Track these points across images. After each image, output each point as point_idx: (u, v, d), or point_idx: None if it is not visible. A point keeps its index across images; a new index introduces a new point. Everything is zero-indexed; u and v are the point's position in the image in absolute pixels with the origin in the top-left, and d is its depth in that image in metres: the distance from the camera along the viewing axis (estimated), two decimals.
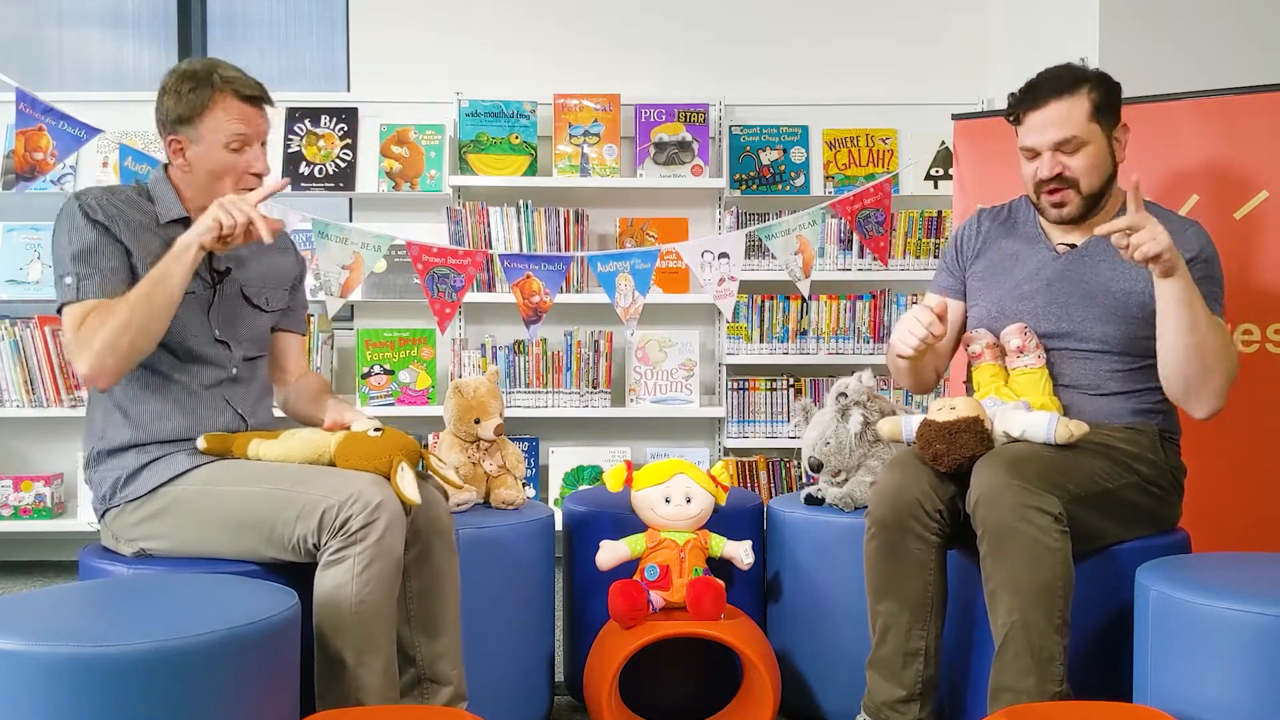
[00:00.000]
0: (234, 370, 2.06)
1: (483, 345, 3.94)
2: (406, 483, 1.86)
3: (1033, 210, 2.28)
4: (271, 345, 2.22)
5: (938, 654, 2.02)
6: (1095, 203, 2.15)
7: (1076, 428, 1.95)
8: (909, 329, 2.07)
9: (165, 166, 2.07)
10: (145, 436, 1.96)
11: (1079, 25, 3.39)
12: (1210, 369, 1.98)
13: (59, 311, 1.93)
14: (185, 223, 1.99)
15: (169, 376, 1.98)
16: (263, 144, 2.05)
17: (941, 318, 2.07)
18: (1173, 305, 1.94)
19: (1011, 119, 2.18)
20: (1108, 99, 2.13)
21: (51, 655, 1.38)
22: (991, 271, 2.27)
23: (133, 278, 1.93)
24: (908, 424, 2.07)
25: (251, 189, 2.01)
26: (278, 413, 2.25)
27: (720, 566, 2.28)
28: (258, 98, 2.03)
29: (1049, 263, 2.20)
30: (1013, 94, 2.17)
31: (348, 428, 2.00)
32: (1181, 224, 2.14)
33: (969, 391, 2.28)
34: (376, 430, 1.95)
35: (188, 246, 1.88)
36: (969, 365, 2.27)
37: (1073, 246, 2.20)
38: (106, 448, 1.97)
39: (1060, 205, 2.15)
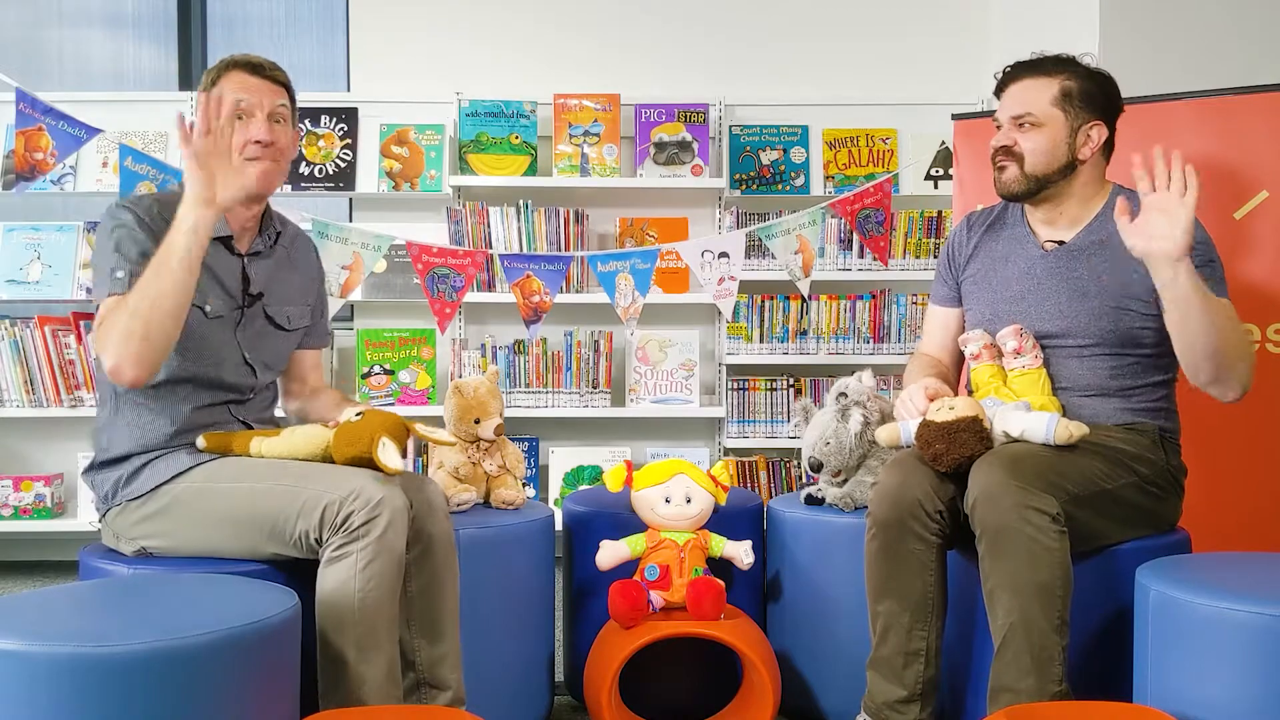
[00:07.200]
0: (251, 395, 2.08)
1: (483, 345, 3.94)
2: (388, 454, 1.86)
3: (1020, 209, 2.28)
4: (291, 357, 2.22)
5: (938, 654, 2.02)
6: (1039, 186, 2.16)
7: (1076, 429, 1.95)
8: (905, 410, 2.11)
9: None
10: (147, 445, 1.96)
11: (1079, 25, 3.39)
12: (1234, 363, 1.96)
13: (96, 308, 1.90)
14: (226, 241, 2.01)
15: (183, 400, 1.98)
16: (271, 117, 2.02)
17: (933, 400, 2.07)
18: (1182, 304, 1.90)
19: (996, 95, 2.26)
20: (1085, 92, 2.14)
21: (51, 655, 1.38)
22: (983, 274, 2.28)
23: None
24: (905, 428, 2.07)
25: (256, 160, 1.99)
26: (279, 412, 2.24)
27: (720, 566, 2.29)
28: (260, 67, 2.05)
29: (1038, 261, 2.20)
30: (998, 72, 2.26)
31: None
32: None
33: (968, 392, 2.28)
34: (358, 415, 1.95)
35: (194, 227, 1.83)
36: (964, 365, 2.27)
37: (1060, 243, 2.20)
38: (109, 457, 1.98)
39: (1000, 170, 2.19)
